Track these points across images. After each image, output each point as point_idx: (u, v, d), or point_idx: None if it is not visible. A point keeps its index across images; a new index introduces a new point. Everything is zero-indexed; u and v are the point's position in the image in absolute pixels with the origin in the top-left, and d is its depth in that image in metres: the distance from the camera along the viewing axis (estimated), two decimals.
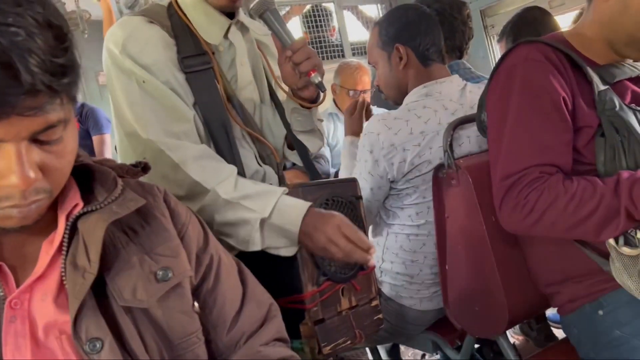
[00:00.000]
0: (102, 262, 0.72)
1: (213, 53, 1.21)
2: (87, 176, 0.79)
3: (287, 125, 1.32)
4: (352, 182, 1.27)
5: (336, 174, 2.43)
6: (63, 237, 0.73)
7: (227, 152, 1.17)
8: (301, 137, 1.34)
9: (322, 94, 1.26)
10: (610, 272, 1.12)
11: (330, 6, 3.59)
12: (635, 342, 1.13)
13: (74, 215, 0.74)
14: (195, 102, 1.17)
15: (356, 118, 1.89)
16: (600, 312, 1.18)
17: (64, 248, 0.72)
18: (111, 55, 1.14)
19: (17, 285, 0.70)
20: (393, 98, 1.69)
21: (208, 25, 1.20)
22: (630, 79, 1.25)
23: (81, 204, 0.75)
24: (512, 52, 1.24)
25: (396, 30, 1.60)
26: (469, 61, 2.13)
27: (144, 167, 0.87)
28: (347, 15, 3.69)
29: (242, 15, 1.27)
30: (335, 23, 3.63)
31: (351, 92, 2.73)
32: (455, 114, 1.51)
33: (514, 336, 2.33)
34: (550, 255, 1.26)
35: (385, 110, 2.80)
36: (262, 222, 1.06)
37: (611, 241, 1.09)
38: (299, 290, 1.09)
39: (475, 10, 3.10)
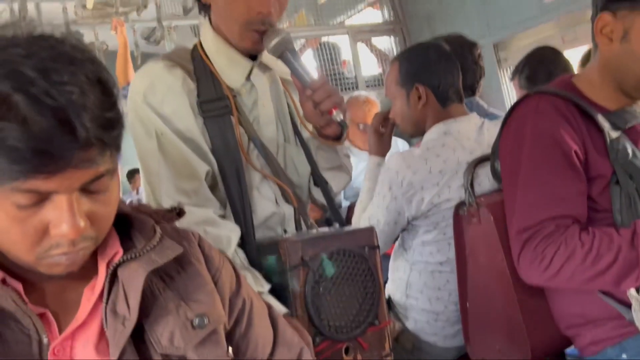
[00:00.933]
0: (140, 308, 0.73)
1: (234, 96, 1.23)
2: (125, 223, 0.82)
3: (312, 163, 1.33)
4: (368, 231, 1.18)
5: (349, 208, 2.44)
6: (104, 284, 0.75)
7: (238, 198, 1.19)
8: (327, 175, 1.34)
9: (345, 131, 1.26)
10: (632, 320, 1.12)
11: (344, 39, 3.65)
12: None
13: (114, 263, 0.76)
14: (212, 149, 1.20)
15: (386, 137, 1.79)
16: (624, 356, 1.18)
17: (105, 295, 0.74)
18: (133, 104, 1.18)
19: (60, 331, 0.72)
20: (409, 133, 1.71)
21: (230, 69, 1.23)
22: None
23: (121, 252, 0.77)
24: (523, 103, 1.26)
25: (416, 69, 1.62)
26: (483, 94, 2.17)
27: (179, 212, 0.90)
28: (361, 47, 3.75)
29: (265, 56, 1.29)
30: (347, 56, 3.69)
31: (361, 126, 2.76)
32: (474, 153, 1.53)
33: None
34: (570, 299, 1.26)
35: (401, 140, 2.84)
36: None
37: (632, 291, 1.10)
38: None
39: (489, 45, 3.15)
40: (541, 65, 2.18)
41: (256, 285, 1.09)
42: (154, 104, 1.15)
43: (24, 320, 0.69)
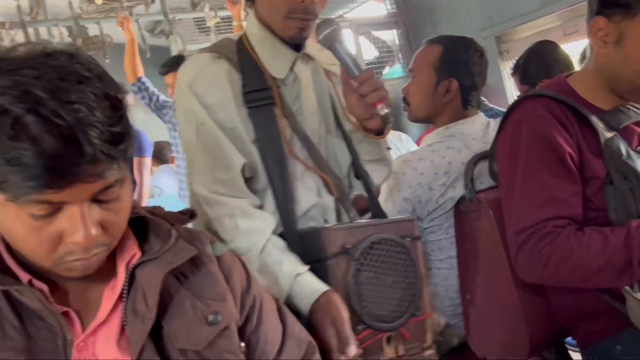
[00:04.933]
0: (158, 307, 0.78)
1: (278, 87, 1.24)
2: (142, 225, 0.86)
3: (353, 155, 1.33)
4: (409, 222, 1.20)
5: None
6: (123, 285, 0.79)
7: (281, 189, 1.19)
8: (368, 167, 1.35)
9: (388, 126, 1.26)
10: (627, 315, 1.16)
11: (346, 32, 3.67)
12: None
13: (132, 265, 0.81)
14: (255, 139, 1.20)
15: None
16: (619, 347, 1.22)
17: (124, 295, 0.79)
18: (179, 92, 1.20)
19: (82, 329, 0.77)
20: (416, 116, 1.69)
21: (274, 60, 1.24)
22: (637, 123, 1.28)
23: (139, 254, 0.82)
24: (519, 106, 1.28)
25: (458, 64, 1.60)
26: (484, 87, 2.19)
27: (191, 215, 0.94)
28: (363, 40, 3.77)
29: (309, 47, 1.29)
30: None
31: None
32: (479, 153, 1.56)
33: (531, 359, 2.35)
34: (567, 295, 1.29)
35: (405, 135, 2.86)
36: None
37: (627, 288, 1.14)
38: None
39: (490, 37, 3.17)
40: (540, 61, 2.20)
41: (294, 267, 1.10)
42: (199, 93, 1.17)
43: (49, 318, 0.74)
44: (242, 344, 0.87)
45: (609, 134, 1.20)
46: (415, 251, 1.17)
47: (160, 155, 4.79)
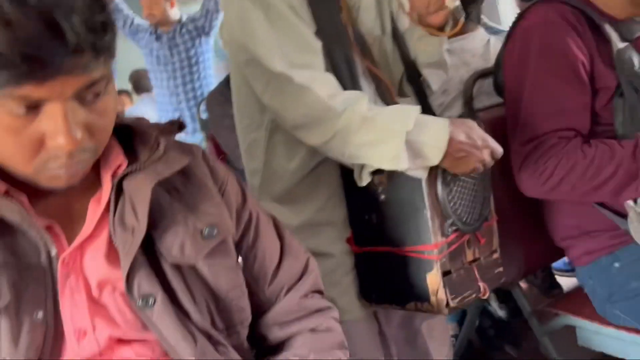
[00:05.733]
0: (149, 220, 0.73)
1: None
2: (127, 136, 0.80)
3: (408, 57, 1.23)
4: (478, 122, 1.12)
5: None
6: (110, 196, 0.74)
7: (350, 86, 1.07)
8: (425, 72, 1.25)
9: (456, 21, 1.18)
10: (628, 230, 1.14)
11: None
12: None
13: (119, 175, 0.74)
14: (318, 31, 1.07)
15: None
16: (617, 265, 1.22)
17: (112, 207, 0.73)
18: None
19: (68, 243, 0.71)
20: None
21: None
22: None
23: (125, 164, 0.75)
24: (529, 13, 1.22)
25: None
26: None
27: (179, 126, 0.87)
28: None
29: None
30: None
31: None
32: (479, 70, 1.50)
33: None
34: (566, 211, 1.28)
35: None
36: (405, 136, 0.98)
37: (630, 202, 1.12)
38: (427, 240, 1.05)
39: None
40: None
41: (407, 109, 1.01)
42: None
43: (30, 231, 0.68)
44: (240, 259, 0.83)
45: (621, 44, 1.15)
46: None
47: (140, 84, 4.65)
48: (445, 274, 1.06)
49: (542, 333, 1.41)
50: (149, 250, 0.74)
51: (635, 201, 1.10)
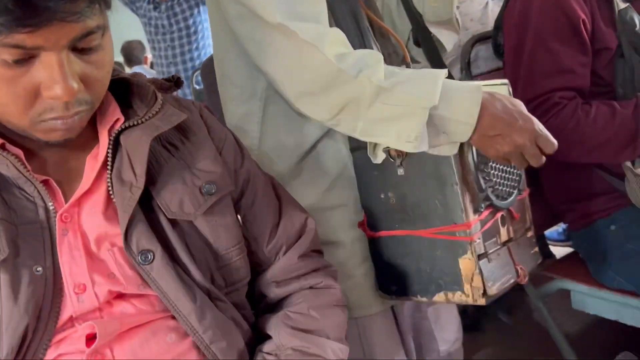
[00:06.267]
0: (147, 176, 0.72)
1: None
2: (125, 90, 0.78)
3: (416, 14, 1.09)
4: (504, 86, 0.98)
5: None
6: (107, 151, 0.73)
7: (358, 44, 0.93)
8: (435, 31, 1.11)
9: None
10: (625, 192, 1.15)
11: None
12: None
13: (116, 130, 0.73)
14: None
15: None
16: (613, 227, 1.23)
17: (109, 163, 0.72)
18: None
19: (65, 200, 0.71)
20: None
21: None
22: None
23: (122, 119, 0.74)
24: None
25: None
26: None
27: (176, 82, 0.86)
28: None
29: None
30: None
31: None
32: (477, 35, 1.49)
33: None
34: (564, 175, 1.29)
35: None
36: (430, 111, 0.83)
37: (628, 163, 1.12)
38: (459, 219, 0.89)
39: None
40: None
41: (433, 72, 0.86)
42: None
43: (26, 186, 0.68)
44: (239, 217, 0.83)
45: (623, 4, 1.15)
46: None
47: (132, 56, 4.59)
48: (480, 257, 0.91)
49: (537, 297, 1.42)
50: (148, 206, 0.74)
51: (633, 163, 1.11)
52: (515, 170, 0.98)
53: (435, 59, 1.08)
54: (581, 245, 1.33)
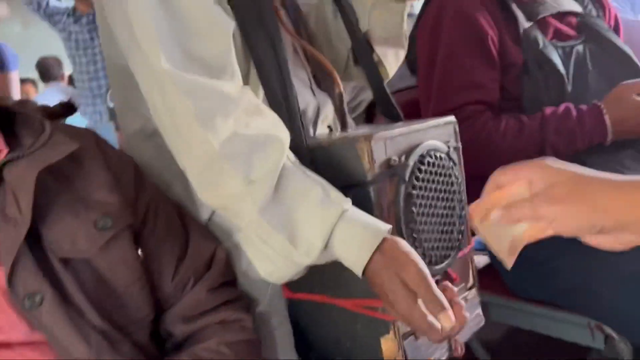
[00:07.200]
0: (34, 212, 0.67)
1: None
2: (8, 120, 0.72)
3: (356, 32, 0.95)
4: (450, 125, 0.89)
5: None
6: None
7: (276, 78, 0.78)
8: (380, 50, 0.98)
9: None
10: None
11: None
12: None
13: None
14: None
15: None
16: None
17: None
18: None
19: None
20: None
21: None
22: (553, 15, 1.29)
23: (6, 151, 0.69)
24: None
25: None
26: None
27: (69, 108, 0.81)
28: None
29: None
30: None
31: None
32: None
33: None
34: (477, 185, 1.31)
35: None
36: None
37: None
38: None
39: None
40: None
41: (334, 201, 0.71)
42: None
43: None
44: (140, 251, 0.78)
45: (527, 24, 1.22)
46: (457, 167, 0.87)
47: (47, 73, 4.39)
48: (405, 336, 0.78)
49: None
50: (37, 244, 0.68)
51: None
52: (455, 228, 0.84)
53: (375, 81, 0.97)
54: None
